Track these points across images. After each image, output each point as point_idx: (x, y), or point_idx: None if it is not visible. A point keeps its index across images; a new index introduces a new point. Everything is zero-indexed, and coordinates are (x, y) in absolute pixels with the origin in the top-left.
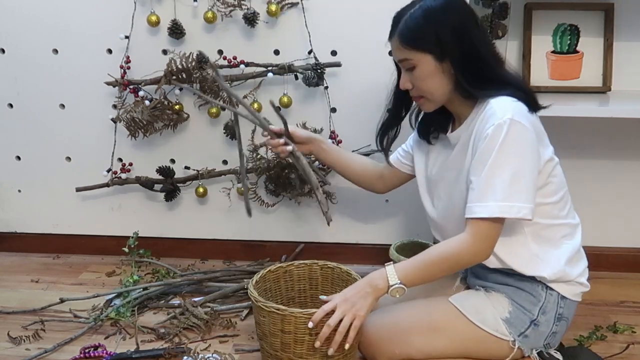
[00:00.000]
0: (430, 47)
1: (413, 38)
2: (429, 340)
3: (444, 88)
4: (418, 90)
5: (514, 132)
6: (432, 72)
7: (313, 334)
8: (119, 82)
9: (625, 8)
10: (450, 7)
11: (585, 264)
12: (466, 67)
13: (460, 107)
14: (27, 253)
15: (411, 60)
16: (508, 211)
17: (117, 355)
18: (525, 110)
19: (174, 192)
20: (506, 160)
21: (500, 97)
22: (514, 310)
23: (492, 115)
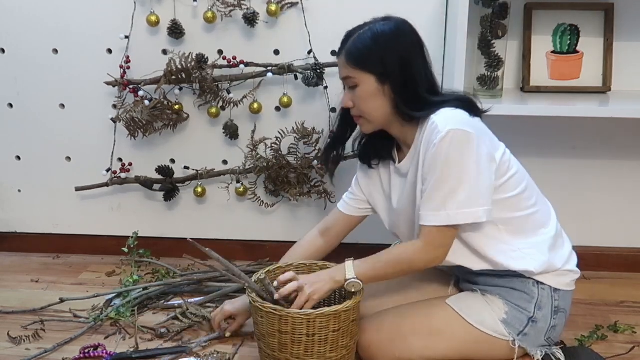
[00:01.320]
0: (374, 68)
1: (359, 57)
2: (429, 343)
3: (382, 110)
4: (358, 109)
5: (455, 141)
6: (372, 93)
7: (310, 335)
8: (119, 82)
9: (625, 8)
10: (399, 35)
11: (570, 248)
12: (404, 93)
13: (401, 131)
14: (27, 253)
15: (354, 79)
16: (455, 218)
17: (117, 355)
18: (464, 116)
19: (173, 192)
20: (452, 169)
21: (440, 111)
22: (510, 311)
23: (435, 129)
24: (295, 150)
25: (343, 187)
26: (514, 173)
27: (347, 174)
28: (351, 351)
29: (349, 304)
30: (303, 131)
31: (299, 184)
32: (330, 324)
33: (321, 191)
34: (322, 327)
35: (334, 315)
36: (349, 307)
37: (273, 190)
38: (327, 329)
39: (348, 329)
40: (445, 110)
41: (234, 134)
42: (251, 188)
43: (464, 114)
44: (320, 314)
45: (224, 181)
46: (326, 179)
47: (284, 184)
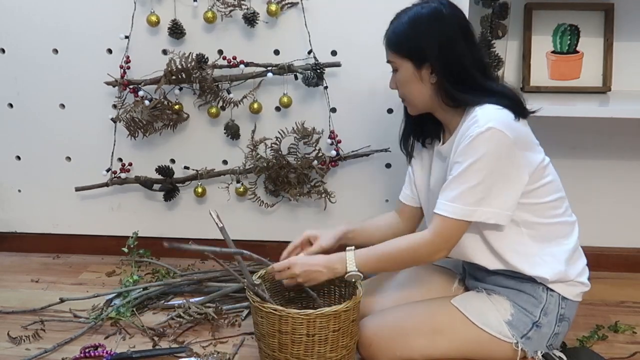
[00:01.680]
0: (409, 53)
1: (396, 42)
2: (430, 342)
3: (422, 95)
4: (400, 92)
5: (493, 141)
6: (410, 78)
7: (310, 335)
8: (119, 82)
9: (625, 8)
10: (436, 18)
11: (584, 263)
12: (448, 77)
13: (446, 116)
14: (27, 253)
15: (394, 63)
16: (471, 215)
17: (117, 355)
18: (509, 119)
19: (173, 192)
20: (481, 166)
21: (486, 105)
22: (515, 313)
23: (475, 122)
24: (295, 150)
25: (343, 187)
26: (548, 181)
27: (348, 173)
28: (351, 351)
29: (349, 304)
30: (303, 131)
31: (299, 184)
32: (330, 324)
33: (321, 191)
34: (322, 327)
35: (333, 315)
36: (349, 307)
37: (273, 190)
38: (327, 329)
39: (348, 329)
40: (492, 106)
41: (235, 134)
42: (251, 188)
43: (509, 115)
44: (320, 314)
45: (224, 181)
46: (326, 179)
47: (284, 184)
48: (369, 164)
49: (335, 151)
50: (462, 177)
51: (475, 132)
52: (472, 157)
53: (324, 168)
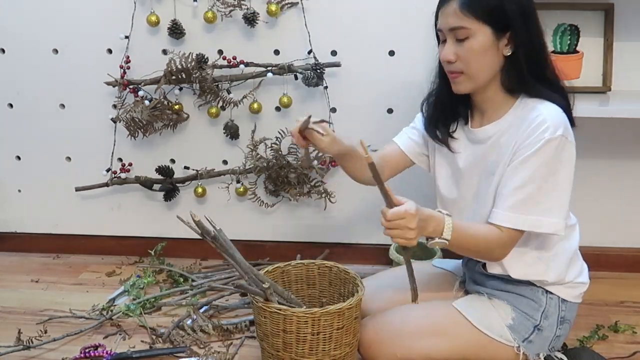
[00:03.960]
0: (493, 18)
1: (476, 5)
2: (431, 344)
3: (492, 67)
4: (462, 64)
5: (564, 151)
6: (485, 47)
7: (315, 333)
8: (119, 82)
9: (625, 8)
10: None
11: (582, 264)
12: (527, 51)
13: (493, 99)
14: (27, 253)
15: (467, 29)
16: (539, 226)
17: (117, 355)
18: (569, 125)
19: (173, 192)
20: (549, 175)
21: (551, 105)
22: (517, 317)
23: (543, 124)
24: (295, 150)
25: (343, 187)
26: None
27: None
28: (353, 348)
29: (352, 301)
30: None
31: (299, 184)
32: (334, 322)
33: (321, 191)
34: (326, 325)
35: (338, 313)
36: (352, 304)
37: (273, 190)
38: (332, 327)
39: (351, 326)
40: (553, 107)
41: (235, 134)
42: (251, 188)
43: (568, 122)
44: (324, 312)
45: (224, 181)
46: (326, 179)
47: (284, 184)
48: None
49: None
50: (528, 185)
51: (545, 138)
52: (540, 164)
53: (324, 168)
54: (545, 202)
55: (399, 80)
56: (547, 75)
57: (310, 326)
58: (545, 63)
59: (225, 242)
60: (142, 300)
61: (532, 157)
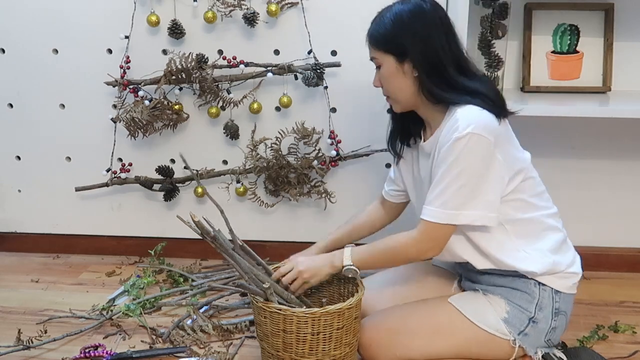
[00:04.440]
0: (390, 48)
1: (378, 38)
2: (429, 342)
3: (406, 90)
4: (385, 89)
5: (472, 145)
6: (393, 73)
7: (315, 333)
8: (119, 82)
9: (625, 8)
10: (417, 14)
11: (574, 253)
12: (428, 71)
13: (429, 113)
14: (27, 253)
15: (377, 59)
16: (455, 219)
17: (117, 355)
18: (490, 120)
19: (173, 192)
20: (461, 171)
21: (467, 107)
22: (511, 310)
23: (455, 124)
24: (295, 150)
25: (343, 187)
26: (529, 176)
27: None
28: (353, 348)
29: (352, 301)
30: (303, 131)
31: (299, 184)
32: (334, 322)
33: (321, 191)
34: (326, 325)
35: (337, 313)
36: (352, 304)
37: (273, 190)
38: (332, 327)
39: (351, 326)
40: (473, 108)
41: (235, 134)
42: (251, 188)
43: (489, 118)
44: (324, 312)
45: (224, 181)
46: (326, 179)
47: (284, 184)
48: (369, 164)
49: (335, 151)
50: (443, 181)
51: (454, 137)
52: (452, 162)
53: (324, 168)
54: (460, 195)
55: None
56: (462, 85)
57: (310, 326)
58: (452, 77)
59: (225, 242)
60: (142, 300)
61: (445, 155)
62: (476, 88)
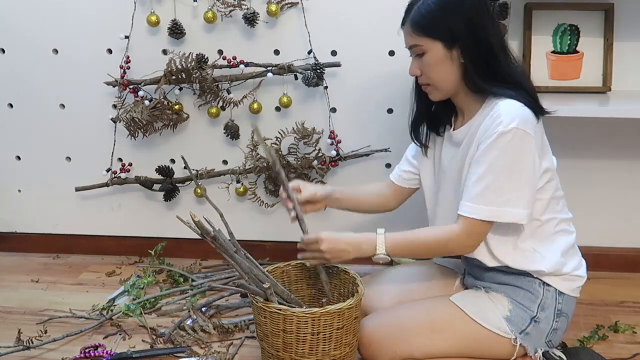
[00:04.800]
0: (440, 34)
1: (424, 24)
2: (430, 340)
3: (451, 77)
4: (426, 77)
5: (518, 141)
6: (440, 60)
7: (315, 333)
8: (119, 82)
9: (625, 8)
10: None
11: (580, 259)
12: (476, 58)
13: (466, 102)
14: (27, 253)
15: (421, 47)
16: (499, 216)
17: (117, 355)
18: (531, 117)
19: (173, 192)
20: (505, 167)
21: (509, 101)
22: (514, 309)
23: (498, 118)
24: (295, 150)
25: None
26: (552, 178)
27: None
28: (353, 348)
29: (352, 301)
30: (303, 131)
31: None
32: (334, 322)
33: None
34: (326, 325)
35: (337, 313)
36: (352, 304)
37: (273, 190)
38: (331, 327)
39: (351, 326)
40: (513, 102)
41: (235, 134)
42: (251, 188)
43: (530, 114)
44: (324, 312)
45: (224, 181)
46: (326, 179)
47: None
48: (369, 164)
49: (335, 151)
50: (486, 177)
51: (498, 131)
52: (497, 157)
53: (324, 168)
54: (504, 192)
55: (399, 80)
56: (506, 75)
57: (310, 326)
58: (499, 65)
59: (225, 242)
60: (142, 300)
61: (488, 150)
62: (519, 81)
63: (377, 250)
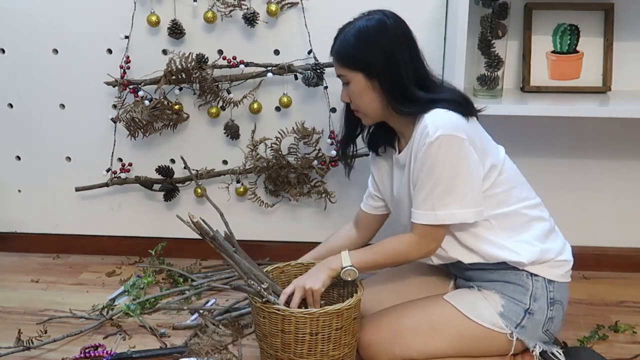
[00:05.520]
0: (360, 66)
1: (345, 56)
2: (428, 340)
3: (375, 104)
4: (354, 104)
5: (444, 146)
6: (362, 89)
7: (314, 334)
8: (119, 82)
9: (625, 8)
10: (381, 30)
11: (563, 242)
12: (390, 87)
13: (400, 124)
14: (27, 253)
15: (345, 76)
16: (444, 219)
17: (117, 355)
18: (457, 119)
19: (173, 192)
20: (440, 172)
21: (434, 111)
22: (506, 304)
23: (424, 130)
24: (295, 150)
25: (343, 187)
26: (506, 169)
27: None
28: (352, 349)
29: (350, 301)
30: (303, 131)
31: (299, 184)
32: (333, 322)
33: (321, 191)
34: (325, 325)
35: (336, 313)
36: (351, 304)
37: (273, 190)
38: (330, 327)
39: (350, 327)
40: (438, 111)
41: (235, 134)
42: (251, 188)
43: (457, 117)
44: (323, 313)
45: (224, 181)
46: (326, 179)
47: (284, 184)
48: (369, 164)
49: (335, 151)
50: (424, 185)
51: (427, 143)
52: (429, 167)
53: (324, 168)
54: (446, 195)
55: None
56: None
57: (309, 327)
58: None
59: (224, 242)
60: (142, 300)
61: (422, 162)
62: (438, 97)
63: (343, 263)
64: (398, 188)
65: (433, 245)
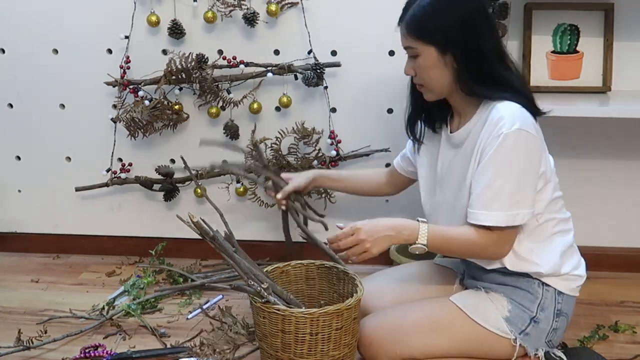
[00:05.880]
0: (434, 38)
1: (418, 28)
2: (430, 340)
3: (444, 81)
4: (420, 78)
5: (522, 142)
6: (433, 64)
7: (314, 334)
8: (119, 82)
9: (625, 8)
10: (459, 0)
11: (579, 258)
12: (468, 62)
13: (462, 104)
14: (27, 253)
15: (415, 49)
16: (513, 220)
17: (117, 355)
18: (530, 118)
19: (173, 192)
20: (512, 169)
21: (507, 103)
22: (513, 309)
23: (500, 121)
24: (295, 150)
25: None
26: (550, 180)
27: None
28: (352, 349)
29: (350, 301)
30: (303, 131)
31: None
32: (333, 322)
33: (321, 191)
34: (325, 325)
35: (336, 313)
36: (350, 304)
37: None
38: (330, 327)
39: (350, 327)
40: (511, 104)
41: (235, 134)
42: (251, 188)
43: (529, 115)
44: (323, 313)
45: (224, 181)
46: None
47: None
48: (369, 164)
49: (335, 151)
50: (495, 183)
51: (503, 133)
52: (503, 160)
53: (324, 168)
54: (515, 195)
55: (399, 80)
56: (501, 80)
57: (309, 326)
58: (493, 70)
59: (224, 242)
60: (142, 300)
61: (495, 154)
62: (513, 84)
63: (419, 239)
64: (446, 167)
65: (508, 248)
